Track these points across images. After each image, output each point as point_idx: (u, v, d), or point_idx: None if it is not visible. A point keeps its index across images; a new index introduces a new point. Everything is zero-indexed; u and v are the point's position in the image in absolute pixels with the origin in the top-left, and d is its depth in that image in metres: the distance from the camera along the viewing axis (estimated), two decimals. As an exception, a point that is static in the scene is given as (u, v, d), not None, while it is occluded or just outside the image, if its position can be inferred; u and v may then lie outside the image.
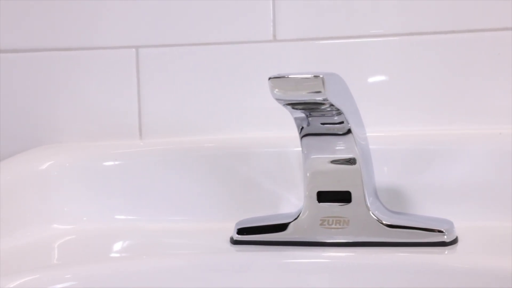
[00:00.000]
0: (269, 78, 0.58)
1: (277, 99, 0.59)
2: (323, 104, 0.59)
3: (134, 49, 0.85)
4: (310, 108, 0.60)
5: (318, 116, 0.62)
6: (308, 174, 0.66)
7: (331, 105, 0.59)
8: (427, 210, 0.73)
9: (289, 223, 0.67)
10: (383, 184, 0.73)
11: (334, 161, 0.65)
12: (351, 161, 0.65)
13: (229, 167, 0.78)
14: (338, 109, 0.60)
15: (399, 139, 0.77)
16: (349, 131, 0.63)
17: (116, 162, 0.79)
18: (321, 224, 0.66)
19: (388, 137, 0.78)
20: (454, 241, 0.65)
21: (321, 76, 0.56)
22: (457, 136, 0.76)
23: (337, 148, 0.65)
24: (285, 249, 0.66)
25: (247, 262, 0.66)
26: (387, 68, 0.80)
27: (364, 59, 0.81)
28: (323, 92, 0.57)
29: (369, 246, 0.65)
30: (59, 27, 0.86)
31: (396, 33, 0.80)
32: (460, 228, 0.67)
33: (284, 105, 0.59)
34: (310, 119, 0.62)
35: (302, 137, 0.64)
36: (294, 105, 0.59)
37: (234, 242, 0.68)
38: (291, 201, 0.75)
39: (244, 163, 0.78)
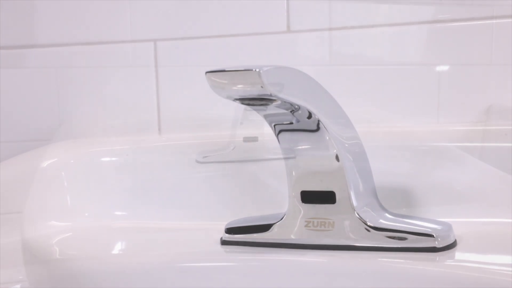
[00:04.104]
0: (206, 73, 0.55)
1: (218, 94, 0.55)
2: (274, 99, 0.55)
3: (152, 43, 0.84)
4: (260, 103, 0.55)
5: (280, 113, 0.58)
6: (292, 173, 0.63)
7: (285, 100, 0.55)
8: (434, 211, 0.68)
9: (274, 224, 0.64)
10: (390, 183, 0.68)
11: (315, 160, 0.61)
12: (333, 159, 0.61)
13: (238, 164, 0.75)
14: (297, 105, 0.56)
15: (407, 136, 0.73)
16: (319, 127, 0.58)
17: (121, 159, 0.78)
18: (306, 226, 0.63)
19: (397, 133, 0.73)
20: (449, 247, 0.60)
21: (257, 70, 0.52)
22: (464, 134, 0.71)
23: (316, 145, 0.60)
24: (267, 251, 0.63)
25: (227, 263, 0.63)
26: (403, 58, 0.75)
27: (378, 49, 0.76)
28: (263, 86, 0.52)
29: (353, 250, 0.61)
30: (80, 22, 0.86)
31: (410, 22, 0.75)
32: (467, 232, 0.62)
33: (233, 100, 0.56)
34: (272, 117, 0.58)
35: (278, 133, 0.61)
36: (242, 100, 0.55)
37: (223, 242, 0.66)
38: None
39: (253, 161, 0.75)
